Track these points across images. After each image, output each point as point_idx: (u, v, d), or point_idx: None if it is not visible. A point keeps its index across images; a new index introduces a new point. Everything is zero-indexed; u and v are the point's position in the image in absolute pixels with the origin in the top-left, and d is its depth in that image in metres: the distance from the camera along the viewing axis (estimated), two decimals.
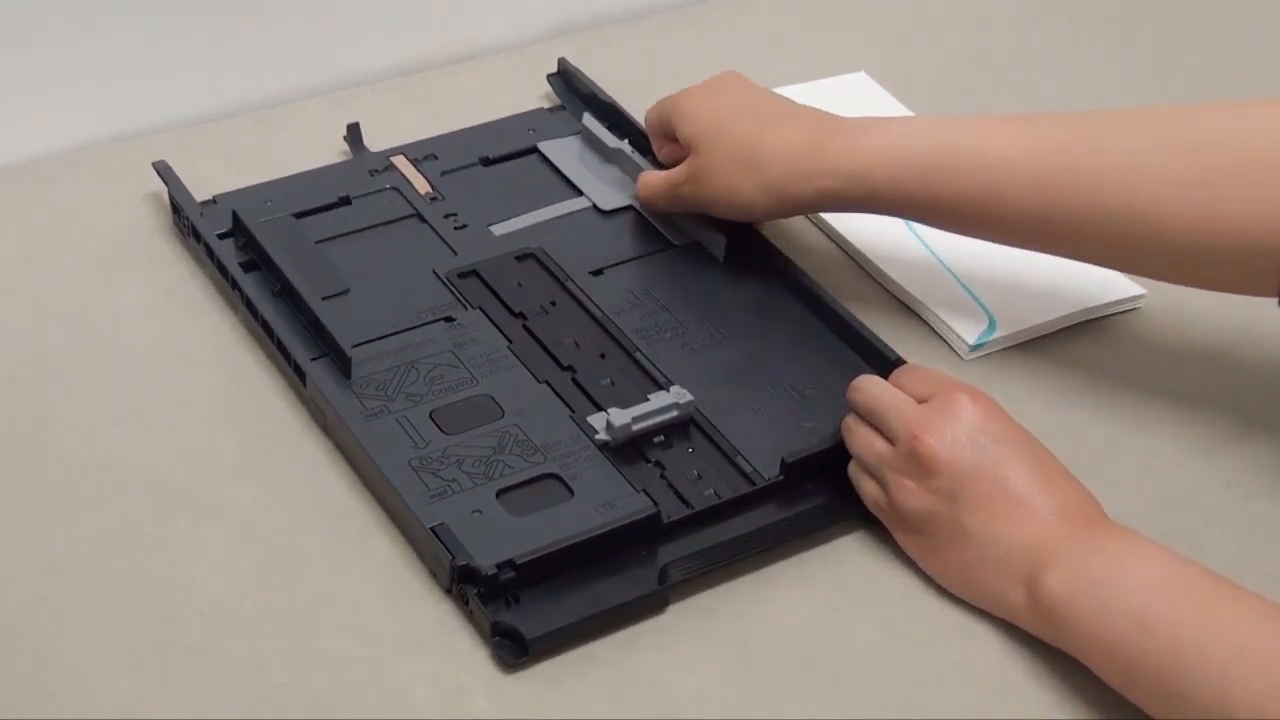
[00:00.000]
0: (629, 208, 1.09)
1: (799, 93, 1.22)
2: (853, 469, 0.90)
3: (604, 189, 1.11)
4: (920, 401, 0.88)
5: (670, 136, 1.06)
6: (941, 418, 0.86)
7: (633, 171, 1.10)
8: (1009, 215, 0.94)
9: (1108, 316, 1.05)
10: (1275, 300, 0.89)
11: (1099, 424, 0.97)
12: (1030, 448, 0.86)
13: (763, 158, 0.99)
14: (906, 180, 0.96)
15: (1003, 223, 0.95)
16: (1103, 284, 1.05)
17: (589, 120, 1.14)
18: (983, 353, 1.02)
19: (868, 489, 0.89)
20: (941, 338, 1.03)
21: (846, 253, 1.09)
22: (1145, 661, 0.78)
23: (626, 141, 1.12)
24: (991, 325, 1.03)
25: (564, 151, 1.14)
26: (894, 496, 0.87)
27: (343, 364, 0.94)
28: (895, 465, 0.87)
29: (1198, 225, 0.89)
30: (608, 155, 1.13)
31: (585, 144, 1.15)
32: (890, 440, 0.87)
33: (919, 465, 0.85)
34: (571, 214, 1.09)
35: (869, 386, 0.90)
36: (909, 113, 1.20)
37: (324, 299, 0.99)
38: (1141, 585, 0.80)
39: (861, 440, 0.89)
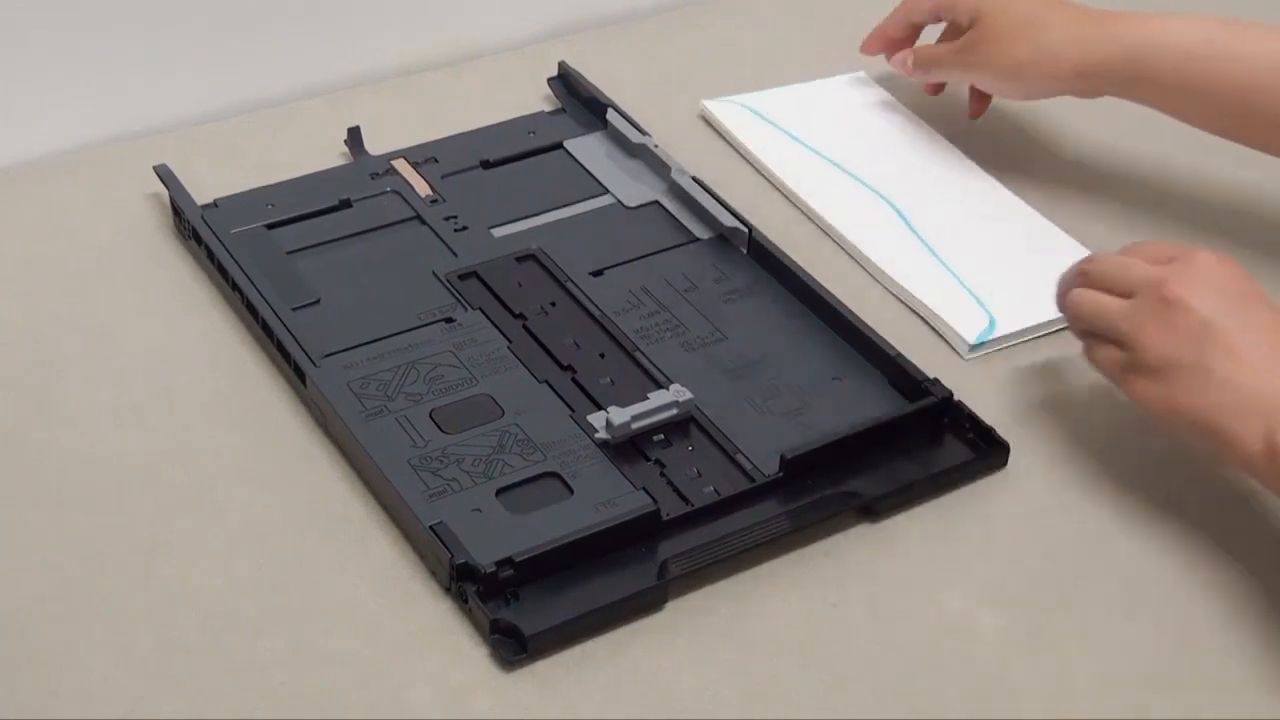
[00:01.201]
0: (654, 203, 1.10)
1: (799, 93, 1.23)
2: (1086, 343, 0.91)
3: (629, 184, 1.11)
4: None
5: (919, 23, 1.16)
6: (1186, 268, 0.87)
7: (657, 167, 1.11)
8: None
9: None
10: None
11: (1099, 423, 0.97)
12: (1276, 308, 0.86)
13: (1044, 21, 1.07)
14: (1189, 61, 1.02)
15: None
16: None
17: (613, 116, 1.15)
18: (983, 352, 1.02)
19: (1102, 353, 0.89)
20: (942, 337, 1.03)
21: (847, 252, 1.09)
22: None
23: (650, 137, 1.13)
24: (991, 325, 1.02)
25: (585, 150, 1.15)
26: (1136, 343, 0.87)
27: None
28: (1136, 315, 0.87)
29: None
30: (632, 150, 1.13)
31: (609, 141, 1.15)
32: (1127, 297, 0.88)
33: (1166, 309, 0.86)
34: (575, 216, 1.09)
35: (1104, 258, 0.91)
36: (909, 113, 1.20)
37: (322, 302, 1.00)
38: None
39: (1092, 302, 0.89)
